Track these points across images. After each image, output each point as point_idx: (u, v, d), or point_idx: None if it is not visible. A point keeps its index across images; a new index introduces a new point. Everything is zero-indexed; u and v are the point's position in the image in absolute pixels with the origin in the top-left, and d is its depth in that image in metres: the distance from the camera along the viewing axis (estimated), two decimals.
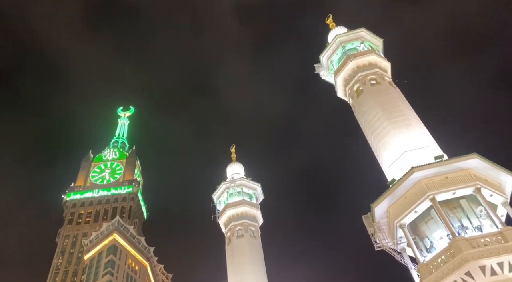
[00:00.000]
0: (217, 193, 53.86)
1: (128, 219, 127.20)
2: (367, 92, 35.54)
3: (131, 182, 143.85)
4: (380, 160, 32.37)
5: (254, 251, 47.37)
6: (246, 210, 51.00)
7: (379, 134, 32.41)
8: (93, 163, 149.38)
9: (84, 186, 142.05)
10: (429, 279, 22.77)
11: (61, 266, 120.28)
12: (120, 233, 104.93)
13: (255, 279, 44.09)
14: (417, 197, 25.65)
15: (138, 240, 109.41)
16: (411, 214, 25.98)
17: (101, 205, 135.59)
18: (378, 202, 27.42)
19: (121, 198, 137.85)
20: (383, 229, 27.69)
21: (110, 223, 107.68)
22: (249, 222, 49.98)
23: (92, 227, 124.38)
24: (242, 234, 48.79)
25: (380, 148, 31.83)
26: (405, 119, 32.20)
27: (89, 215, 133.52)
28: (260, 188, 54.65)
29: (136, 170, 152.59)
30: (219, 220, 51.70)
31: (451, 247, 22.59)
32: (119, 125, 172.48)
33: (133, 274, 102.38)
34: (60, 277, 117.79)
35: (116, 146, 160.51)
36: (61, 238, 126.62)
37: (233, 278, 45.17)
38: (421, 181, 25.75)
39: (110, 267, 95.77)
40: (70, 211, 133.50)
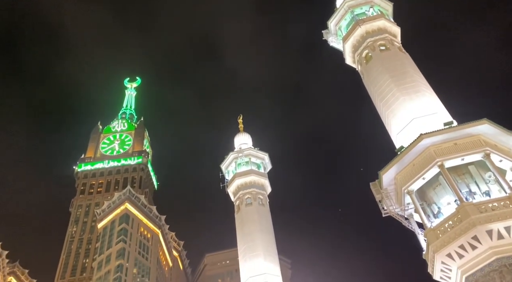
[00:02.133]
0: (225, 163, 54.39)
1: (139, 189, 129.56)
2: (376, 58, 34.86)
3: (141, 153, 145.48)
4: (389, 127, 32.17)
5: (263, 219, 48.25)
6: (254, 179, 51.58)
7: (388, 101, 32.04)
8: (102, 134, 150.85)
9: (95, 157, 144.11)
10: (436, 243, 23.08)
11: (76, 234, 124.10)
12: (132, 202, 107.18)
13: (264, 245, 45.10)
14: (425, 163, 25.61)
15: (150, 209, 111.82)
16: (419, 181, 26.03)
17: (112, 176, 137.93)
18: (386, 169, 27.46)
19: (131, 168, 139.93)
20: (391, 195, 27.85)
21: (122, 192, 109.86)
22: (257, 191, 50.65)
23: (104, 197, 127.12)
24: (250, 202, 49.56)
25: (388, 115, 31.55)
26: (414, 85, 31.71)
27: (100, 185, 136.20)
28: (267, 158, 55.02)
29: (145, 140, 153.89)
30: (228, 189, 52.44)
31: (459, 212, 22.74)
32: (127, 97, 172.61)
33: (145, 241, 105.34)
34: (75, 245, 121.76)
35: (124, 117, 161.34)
36: (74, 207, 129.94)
37: (243, 244, 46.25)
38: (429, 148, 25.63)
39: (123, 235, 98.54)
40: (82, 181, 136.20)
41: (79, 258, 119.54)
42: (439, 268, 23.44)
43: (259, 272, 41.98)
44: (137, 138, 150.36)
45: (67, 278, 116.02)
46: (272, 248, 45.87)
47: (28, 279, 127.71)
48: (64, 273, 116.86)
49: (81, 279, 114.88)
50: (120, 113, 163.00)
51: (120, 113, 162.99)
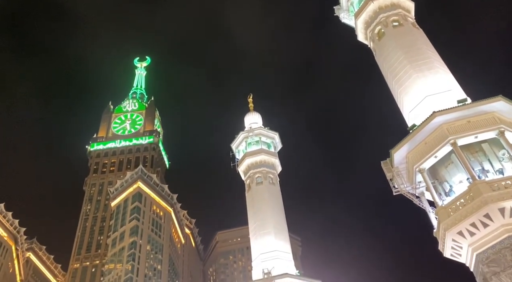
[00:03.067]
0: (236, 142, 54.51)
1: (151, 168, 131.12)
2: (389, 34, 34.10)
3: (152, 132, 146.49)
4: (401, 105, 31.74)
5: (273, 197, 48.61)
6: (265, 158, 51.69)
7: (400, 78, 31.51)
8: (113, 114, 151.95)
9: (107, 136, 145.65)
10: (447, 221, 23.05)
11: (90, 212, 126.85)
12: (144, 181, 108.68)
13: (275, 223, 45.59)
14: (437, 141, 25.34)
15: (162, 187, 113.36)
16: (431, 159, 25.81)
17: (124, 155, 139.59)
18: (397, 147, 27.23)
19: (143, 148, 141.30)
20: (402, 174, 27.72)
21: (134, 172, 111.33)
22: (267, 170, 50.83)
23: (117, 176, 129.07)
24: (261, 181, 49.84)
25: (401, 93, 31.08)
26: (428, 62, 31.06)
27: (113, 164, 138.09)
28: (278, 137, 54.97)
29: (155, 120, 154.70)
30: (239, 168, 52.72)
31: (471, 190, 22.59)
32: (137, 76, 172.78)
33: (158, 219, 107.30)
34: (89, 223, 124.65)
35: (135, 97, 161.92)
36: (88, 186, 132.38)
37: (253, 222, 46.81)
38: (442, 126, 25.28)
39: (136, 213, 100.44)
40: (95, 160, 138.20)
41: (93, 235, 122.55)
42: (449, 245, 23.49)
43: (270, 249, 42.58)
44: (148, 118, 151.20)
45: (83, 255, 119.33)
46: (283, 226, 46.35)
47: (46, 255, 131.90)
48: (80, 250, 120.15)
49: (96, 256, 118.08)
50: (131, 93, 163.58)
51: (130, 93, 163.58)
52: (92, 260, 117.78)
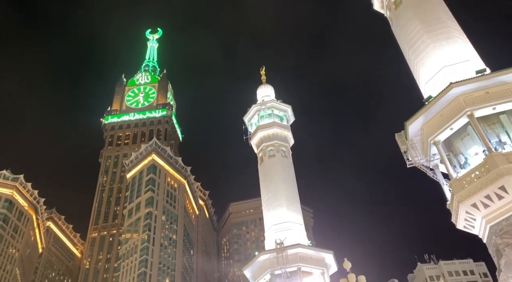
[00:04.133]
0: (248, 115, 54.28)
1: (165, 141, 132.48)
2: (406, 3, 32.94)
3: (165, 106, 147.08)
4: (417, 77, 31.02)
5: (285, 170, 48.72)
6: (277, 131, 51.48)
7: (417, 49, 30.64)
8: (126, 87, 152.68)
9: (120, 109, 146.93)
10: (461, 193, 22.91)
11: (106, 184, 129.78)
12: (158, 153, 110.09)
13: (287, 195, 45.92)
14: (453, 113, 24.85)
15: (175, 160, 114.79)
16: (446, 131, 25.42)
17: (138, 128, 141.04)
18: (412, 119, 26.82)
19: (156, 121, 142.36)
20: (416, 146, 27.43)
21: (148, 144, 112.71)
22: (280, 143, 50.71)
23: (131, 148, 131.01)
24: (273, 154, 49.83)
25: (417, 64, 30.31)
26: (446, 31, 30.04)
27: (127, 137, 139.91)
28: (290, 110, 54.52)
29: (168, 93, 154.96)
30: (251, 141, 52.73)
31: (487, 162, 22.31)
32: (149, 49, 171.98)
33: (172, 191, 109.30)
34: (106, 194, 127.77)
35: (147, 69, 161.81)
36: (104, 158, 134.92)
37: (266, 194, 47.23)
38: (459, 97, 24.72)
39: (151, 184, 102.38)
40: (110, 133, 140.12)
41: (110, 206, 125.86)
42: (463, 217, 23.45)
43: (282, 221, 43.08)
44: (160, 91, 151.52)
45: (100, 224, 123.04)
46: (295, 198, 46.68)
47: (65, 225, 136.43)
48: (97, 220, 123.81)
49: (113, 225, 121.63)
50: (143, 65, 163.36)
51: (143, 65, 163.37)
52: (109, 230, 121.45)
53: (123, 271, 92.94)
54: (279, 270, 36.56)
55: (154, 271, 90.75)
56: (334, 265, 38.84)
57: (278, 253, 37.10)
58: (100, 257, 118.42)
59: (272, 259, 37.35)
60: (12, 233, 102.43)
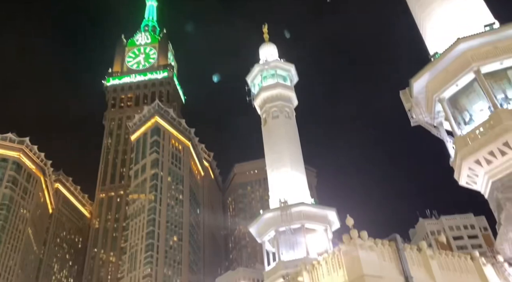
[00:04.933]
0: (251, 76, 53.46)
1: (167, 103, 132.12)
2: None
3: (166, 66, 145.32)
4: (424, 33, 30.13)
5: (289, 131, 48.66)
6: (281, 92, 50.86)
7: (424, 3, 29.57)
8: (126, 48, 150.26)
9: (121, 71, 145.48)
10: (465, 150, 22.89)
11: (111, 146, 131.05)
12: (161, 115, 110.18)
13: (291, 155, 46.20)
14: (460, 69, 24.34)
15: (179, 122, 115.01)
16: (452, 88, 25.02)
17: (140, 90, 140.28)
18: (417, 76, 26.34)
19: (158, 82, 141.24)
20: (421, 104, 27.13)
21: (151, 106, 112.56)
22: (284, 104, 50.27)
23: (134, 110, 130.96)
24: (277, 115, 49.55)
25: (424, 19, 29.34)
26: None
27: (129, 99, 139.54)
28: (294, 69, 53.58)
29: (169, 53, 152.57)
30: (254, 102, 52.28)
31: (491, 118, 22.13)
32: (147, 7, 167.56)
33: (177, 152, 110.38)
34: (111, 156, 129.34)
35: (147, 29, 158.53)
36: (107, 120, 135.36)
37: (270, 155, 47.54)
38: (466, 52, 24.10)
39: (156, 146, 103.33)
40: (112, 95, 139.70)
41: (116, 168, 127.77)
42: (465, 174, 23.58)
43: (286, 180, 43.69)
44: (161, 52, 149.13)
45: (108, 185, 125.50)
46: (298, 158, 46.98)
47: (73, 186, 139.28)
48: (104, 181, 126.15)
49: (120, 186, 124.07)
50: (143, 25, 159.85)
51: (142, 25, 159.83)
52: (117, 191, 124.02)
53: (132, 230, 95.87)
54: (283, 227, 37.44)
55: (162, 229, 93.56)
56: (337, 221, 39.69)
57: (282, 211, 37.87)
58: (109, 217, 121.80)
59: (277, 217, 38.17)
60: (22, 195, 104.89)
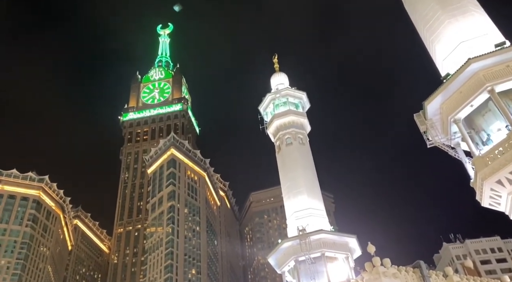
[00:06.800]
0: (263, 105, 54.15)
1: (182, 135, 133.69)
2: None
3: (180, 100, 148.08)
4: (433, 54, 30.28)
5: (304, 157, 48.61)
6: (293, 119, 51.24)
7: (432, 25, 29.85)
8: (141, 84, 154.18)
9: (137, 106, 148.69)
10: (485, 171, 22.44)
11: (128, 180, 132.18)
12: (177, 147, 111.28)
13: (307, 182, 45.88)
14: (473, 89, 24.23)
15: (194, 153, 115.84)
16: (466, 108, 24.84)
17: (156, 123, 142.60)
18: (430, 99, 26.27)
19: (173, 115, 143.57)
20: (436, 126, 26.90)
21: (166, 139, 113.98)
22: (297, 130, 50.52)
23: (150, 144, 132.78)
24: (291, 142, 49.72)
25: (433, 41, 29.56)
26: (461, 6, 29.16)
27: (145, 133, 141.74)
28: (305, 97, 54.12)
29: (183, 87, 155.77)
30: (268, 130, 52.66)
31: (510, 138, 21.76)
32: (161, 44, 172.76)
33: (193, 183, 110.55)
34: (129, 190, 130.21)
35: (161, 65, 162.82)
36: (124, 155, 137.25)
37: (285, 182, 47.32)
38: (478, 72, 24.05)
39: (172, 178, 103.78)
40: (128, 130, 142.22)
41: (133, 201, 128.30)
42: (487, 195, 23.01)
43: (303, 207, 43.14)
44: (175, 86, 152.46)
45: (125, 220, 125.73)
46: (315, 184, 46.63)
47: (91, 222, 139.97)
48: (122, 215, 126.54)
49: (138, 220, 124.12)
50: (157, 61, 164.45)
51: (156, 61, 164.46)
52: (134, 225, 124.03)
53: (150, 264, 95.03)
54: (303, 256, 36.72)
55: (180, 262, 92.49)
56: (358, 249, 38.77)
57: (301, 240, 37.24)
58: (127, 252, 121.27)
59: (296, 246, 37.53)
60: (42, 232, 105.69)
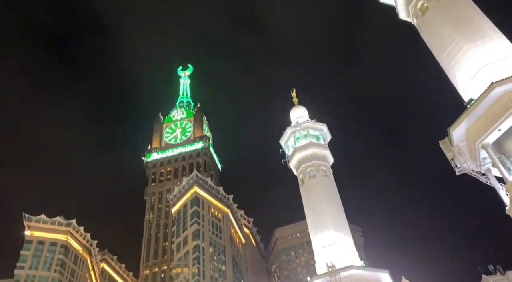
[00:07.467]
0: (284, 138, 54.28)
1: (205, 172, 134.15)
2: (433, 8, 32.36)
3: (202, 138, 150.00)
4: (454, 81, 30.02)
5: (328, 189, 47.90)
6: (315, 151, 51.01)
7: (451, 52, 29.80)
8: (164, 124, 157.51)
9: (160, 146, 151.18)
10: None
11: (153, 220, 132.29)
12: (200, 185, 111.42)
13: (333, 215, 44.91)
14: (500, 113, 23.71)
15: (217, 190, 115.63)
16: (494, 133, 24.21)
17: (178, 162, 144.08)
18: (455, 125, 25.79)
19: (195, 154, 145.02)
20: (464, 152, 26.21)
21: (189, 177, 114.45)
22: (319, 162, 50.14)
23: (174, 183, 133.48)
24: (314, 174, 49.24)
25: (453, 67, 29.39)
26: (479, 31, 29.15)
27: (169, 172, 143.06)
28: (326, 128, 54.06)
29: (204, 125, 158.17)
30: (290, 164, 52.45)
31: None
32: (181, 85, 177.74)
33: (217, 221, 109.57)
34: (154, 230, 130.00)
35: (182, 105, 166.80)
36: (149, 196, 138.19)
37: (311, 216, 46.45)
38: (503, 96, 23.63)
39: (196, 217, 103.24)
40: (152, 170, 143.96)
41: (159, 242, 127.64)
42: None
43: (331, 242, 41.97)
44: (196, 125, 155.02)
45: (151, 261, 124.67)
46: (341, 217, 45.54)
47: (118, 264, 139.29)
48: (148, 257, 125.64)
49: (164, 261, 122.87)
50: (178, 102, 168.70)
51: (177, 102, 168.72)
52: (160, 266, 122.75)
53: None
54: None
55: None
56: None
57: (331, 277, 36.03)
58: None
59: None
60: (70, 278, 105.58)
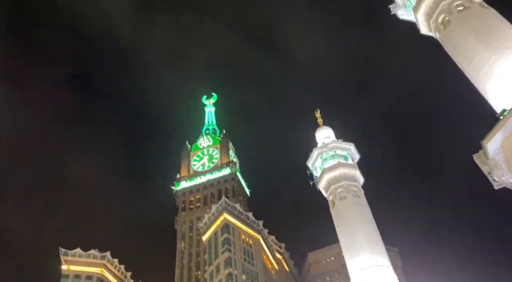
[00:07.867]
0: (311, 160, 53.81)
1: (233, 198, 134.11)
2: (455, 21, 32.09)
3: (229, 164, 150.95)
4: (484, 92, 29.31)
5: (360, 210, 46.77)
6: (344, 171, 50.19)
7: (477, 64, 29.30)
8: (191, 152, 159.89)
9: (188, 174, 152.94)
10: None
11: (185, 249, 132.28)
12: (229, 212, 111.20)
13: (367, 237, 43.65)
14: None
15: (246, 216, 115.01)
16: None
17: (207, 189, 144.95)
18: (489, 137, 25.01)
19: (223, 180, 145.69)
20: (501, 165, 25.25)
21: (218, 204, 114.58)
22: (349, 183, 49.21)
23: (203, 210, 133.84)
24: (344, 195, 48.31)
25: (482, 79, 28.77)
26: (504, 41, 28.75)
27: (198, 200, 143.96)
28: (354, 148, 53.32)
29: (230, 151, 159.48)
30: (319, 186, 51.72)
31: None
32: (207, 113, 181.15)
33: (248, 248, 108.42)
34: (186, 260, 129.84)
35: (208, 132, 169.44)
36: (179, 224, 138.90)
37: (344, 239, 45.30)
38: None
39: (227, 244, 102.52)
40: (182, 199, 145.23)
41: (191, 271, 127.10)
42: None
43: (367, 265, 40.64)
44: (223, 151, 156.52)
45: None
46: (376, 239, 44.18)
47: None
48: None
49: None
50: (204, 129, 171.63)
51: (203, 129, 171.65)
52: None
53: None
54: None
55: None
56: None
57: None
58: None
59: None
60: None
